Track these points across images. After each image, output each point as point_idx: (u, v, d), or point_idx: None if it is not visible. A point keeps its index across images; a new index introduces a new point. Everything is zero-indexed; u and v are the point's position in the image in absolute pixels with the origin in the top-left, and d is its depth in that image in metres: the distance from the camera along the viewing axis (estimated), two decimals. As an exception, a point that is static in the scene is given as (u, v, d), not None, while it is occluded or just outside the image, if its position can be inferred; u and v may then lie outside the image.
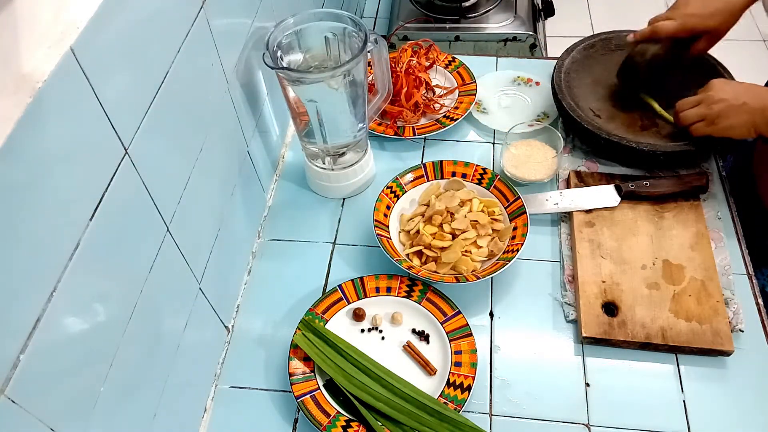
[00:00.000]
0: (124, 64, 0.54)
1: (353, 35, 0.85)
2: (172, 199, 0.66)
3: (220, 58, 0.76)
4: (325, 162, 0.97)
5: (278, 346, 0.83)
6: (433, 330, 0.82)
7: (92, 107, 0.50)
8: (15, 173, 0.41)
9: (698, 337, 0.79)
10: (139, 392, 0.62)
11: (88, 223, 0.50)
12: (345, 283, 0.85)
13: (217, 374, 0.82)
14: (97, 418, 0.53)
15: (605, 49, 1.11)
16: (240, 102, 0.84)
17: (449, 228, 0.88)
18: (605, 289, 0.84)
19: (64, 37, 0.46)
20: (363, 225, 0.95)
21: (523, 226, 0.87)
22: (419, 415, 0.73)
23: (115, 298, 0.56)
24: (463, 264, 0.85)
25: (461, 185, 0.94)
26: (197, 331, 0.74)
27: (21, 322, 0.43)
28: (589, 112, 1.02)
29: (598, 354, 0.80)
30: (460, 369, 0.77)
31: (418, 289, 0.85)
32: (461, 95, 1.11)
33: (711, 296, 0.82)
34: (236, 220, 0.87)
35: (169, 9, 0.62)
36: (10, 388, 0.41)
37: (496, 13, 1.65)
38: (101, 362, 0.54)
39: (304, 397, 0.75)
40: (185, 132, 0.69)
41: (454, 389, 0.75)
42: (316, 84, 0.83)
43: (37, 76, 0.43)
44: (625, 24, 1.23)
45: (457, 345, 0.79)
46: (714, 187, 0.96)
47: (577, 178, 0.97)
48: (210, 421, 0.78)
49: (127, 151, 0.55)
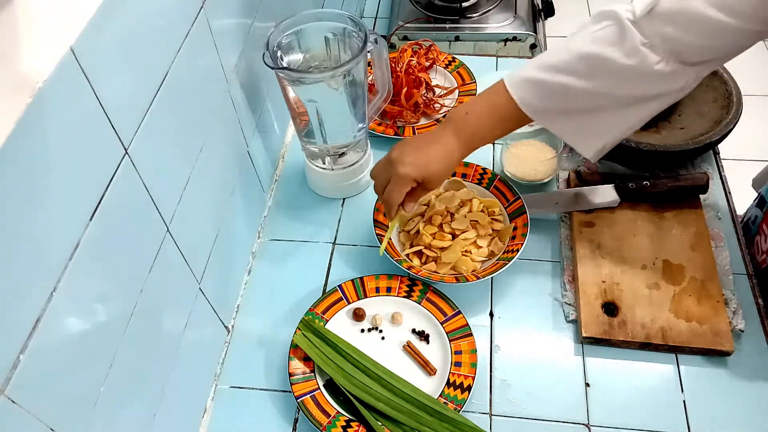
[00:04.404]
0: (124, 64, 0.54)
1: (353, 35, 0.85)
2: (172, 199, 0.66)
3: (220, 58, 0.76)
4: (325, 162, 0.97)
5: (278, 346, 0.83)
6: (433, 330, 0.82)
7: (92, 107, 0.50)
8: (15, 173, 0.41)
9: (698, 337, 0.79)
10: (140, 392, 0.62)
11: (88, 223, 0.50)
12: (345, 283, 0.85)
13: (217, 374, 0.82)
14: (97, 418, 0.53)
15: (605, 49, 1.10)
16: (240, 102, 0.84)
17: (449, 228, 0.88)
18: (605, 289, 0.84)
19: (64, 37, 0.46)
20: (363, 225, 0.95)
21: (523, 226, 0.87)
22: (419, 415, 0.73)
23: (115, 298, 0.56)
24: (463, 264, 0.85)
25: (461, 185, 0.94)
26: (197, 331, 0.74)
27: (21, 322, 0.43)
28: (589, 112, 1.02)
29: (598, 354, 0.80)
30: (460, 369, 0.77)
31: (418, 289, 0.85)
32: (461, 95, 1.11)
33: (711, 296, 0.82)
34: (236, 220, 0.87)
35: (169, 9, 0.62)
36: (10, 388, 0.41)
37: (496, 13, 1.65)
38: (101, 362, 0.54)
39: (304, 397, 0.75)
40: (185, 132, 0.69)
41: (454, 389, 0.75)
42: (316, 84, 0.83)
43: (37, 76, 0.43)
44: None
45: (457, 345, 0.79)
46: (714, 187, 0.96)
47: (577, 178, 0.97)
48: (210, 421, 0.78)
49: (127, 151, 0.55)
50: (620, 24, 0.66)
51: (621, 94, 0.69)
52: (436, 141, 0.76)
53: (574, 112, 0.72)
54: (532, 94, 0.71)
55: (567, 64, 0.69)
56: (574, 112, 0.72)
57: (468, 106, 0.75)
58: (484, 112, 0.74)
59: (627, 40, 0.66)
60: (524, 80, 0.72)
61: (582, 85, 0.68)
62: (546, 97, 0.71)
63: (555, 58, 0.70)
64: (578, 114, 0.72)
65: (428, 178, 0.76)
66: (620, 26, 0.66)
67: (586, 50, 0.68)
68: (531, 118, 0.72)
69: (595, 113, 0.71)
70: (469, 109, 0.75)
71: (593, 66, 0.68)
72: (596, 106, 0.70)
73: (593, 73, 0.68)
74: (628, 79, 0.67)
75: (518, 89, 0.71)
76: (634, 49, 0.65)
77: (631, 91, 0.69)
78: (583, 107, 0.71)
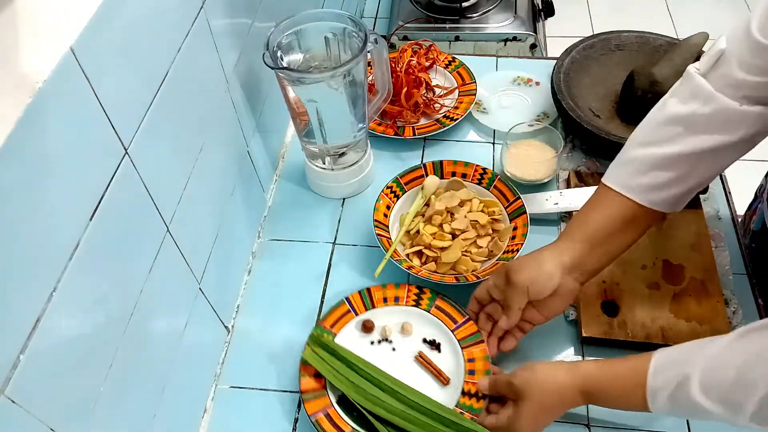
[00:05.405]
0: (124, 64, 0.54)
1: (353, 35, 0.85)
2: (172, 199, 0.66)
3: (220, 58, 0.76)
4: (325, 162, 0.97)
5: (278, 346, 0.83)
6: (444, 338, 0.80)
7: (92, 107, 0.50)
8: (15, 173, 0.41)
9: (698, 337, 0.78)
10: (139, 392, 0.62)
11: (88, 223, 0.50)
12: (352, 295, 0.83)
13: (217, 374, 0.82)
14: (97, 418, 0.53)
15: (605, 50, 1.10)
16: (240, 102, 0.84)
17: (449, 228, 0.88)
18: (605, 289, 0.84)
19: (64, 37, 0.46)
20: (363, 225, 0.95)
21: (523, 226, 0.87)
22: (436, 427, 0.70)
23: (115, 298, 0.56)
24: (463, 264, 0.85)
25: (461, 185, 0.94)
26: (197, 331, 0.74)
27: (21, 322, 0.43)
28: (588, 112, 1.02)
29: (598, 354, 0.80)
30: (474, 377, 0.75)
31: (426, 297, 0.83)
32: (461, 95, 1.11)
33: (711, 296, 0.82)
34: (236, 220, 0.87)
35: (169, 9, 0.62)
36: (10, 388, 0.41)
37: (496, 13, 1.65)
38: (101, 362, 0.54)
39: (318, 415, 0.72)
40: (185, 132, 0.69)
41: (470, 398, 0.74)
42: (316, 84, 0.83)
43: (37, 76, 0.43)
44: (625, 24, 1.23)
45: (469, 352, 0.77)
46: (714, 187, 0.96)
47: (577, 178, 0.97)
48: (210, 421, 0.78)
49: (127, 151, 0.55)
50: (690, 79, 0.66)
51: (703, 146, 0.67)
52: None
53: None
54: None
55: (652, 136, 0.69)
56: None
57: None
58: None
59: (701, 91, 0.65)
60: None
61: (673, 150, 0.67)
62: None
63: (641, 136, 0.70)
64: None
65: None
66: (691, 81, 0.66)
67: (665, 115, 0.68)
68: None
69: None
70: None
71: (677, 126, 0.67)
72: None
73: (679, 135, 0.67)
74: (709, 129, 0.66)
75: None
76: (708, 96, 0.65)
77: (714, 141, 0.66)
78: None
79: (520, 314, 0.75)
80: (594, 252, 0.72)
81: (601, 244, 0.72)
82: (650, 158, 0.69)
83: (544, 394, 0.68)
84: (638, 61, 1.05)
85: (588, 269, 0.73)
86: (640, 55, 1.08)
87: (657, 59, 1.01)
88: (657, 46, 1.09)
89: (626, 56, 1.09)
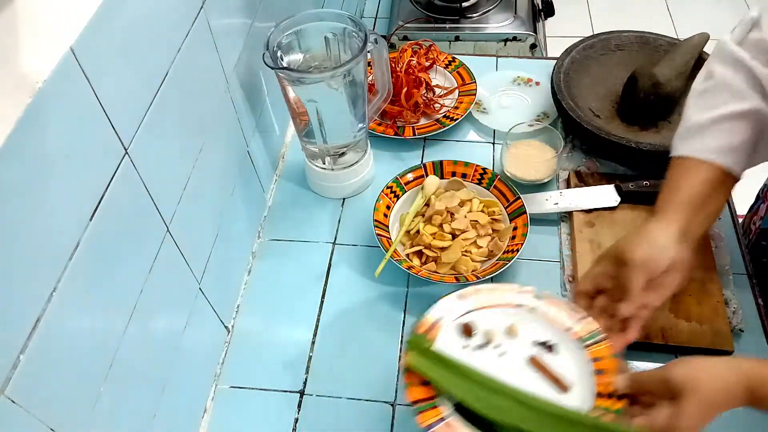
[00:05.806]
0: (124, 64, 0.54)
1: (353, 35, 0.85)
2: (172, 199, 0.66)
3: (220, 58, 0.76)
4: (325, 162, 0.97)
5: (278, 346, 0.83)
6: (559, 338, 0.69)
7: (92, 107, 0.50)
8: (15, 173, 0.41)
9: (698, 337, 0.79)
10: (139, 392, 0.62)
11: (88, 223, 0.50)
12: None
13: (217, 374, 0.82)
14: (97, 418, 0.53)
15: (605, 50, 1.10)
16: (240, 102, 0.84)
17: (449, 228, 0.88)
18: (605, 289, 0.84)
19: (64, 37, 0.46)
20: (363, 225, 0.95)
21: (523, 226, 0.87)
22: None
23: (115, 298, 0.56)
24: (463, 264, 0.85)
25: (461, 185, 0.94)
26: (197, 331, 0.74)
27: (21, 322, 0.43)
28: (588, 112, 1.02)
29: (598, 354, 0.80)
30: (604, 377, 0.65)
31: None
32: (461, 95, 1.11)
33: (711, 296, 0.82)
34: (236, 220, 0.87)
35: (169, 9, 0.62)
36: (10, 388, 0.41)
37: (496, 13, 1.65)
38: (101, 362, 0.54)
39: (436, 426, 0.62)
40: (185, 132, 0.69)
41: (606, 399, 0.64)
42: (316, 84, 0.83)
43: (37, 76, 0.43)
44: (625, 24, 1.23)
45: (594, 351, 0.67)
46: (714, 187, 0.96)
47: (577, 178, 0.97)
48: (210, 421, 0.78)
49: (127, 151, 0.55)
50: (725, 48, 0.70)
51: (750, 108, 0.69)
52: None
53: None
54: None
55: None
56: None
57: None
58: None
59: (735, 60, 0.69)
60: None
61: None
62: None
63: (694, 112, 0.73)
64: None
65: None
66: (725, 49, 0.70)
67: (710, 84, 0.71)
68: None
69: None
70: None
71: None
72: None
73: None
74: (748, 95, 0.69)
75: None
76: (741, 64, 0.68)
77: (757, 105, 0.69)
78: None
79: (641, 296, 0.70)
80: (696, 217, 0.72)
81: (701, 208, 0.72)
82: (710, 120, 0.70)
83: (713, 391, 0.62)
84: (638, 61, 1.05)
85: (694, 236, 0.72)
86: (640, 55, 1.08)
87: (657, 59, 1.01)
88: (657, 46, 1.09)
89: (626, 56, 1.09)
